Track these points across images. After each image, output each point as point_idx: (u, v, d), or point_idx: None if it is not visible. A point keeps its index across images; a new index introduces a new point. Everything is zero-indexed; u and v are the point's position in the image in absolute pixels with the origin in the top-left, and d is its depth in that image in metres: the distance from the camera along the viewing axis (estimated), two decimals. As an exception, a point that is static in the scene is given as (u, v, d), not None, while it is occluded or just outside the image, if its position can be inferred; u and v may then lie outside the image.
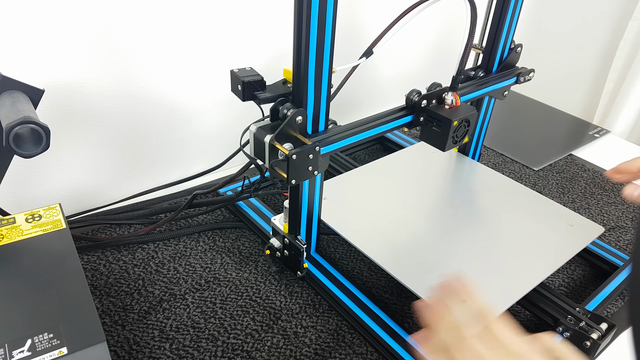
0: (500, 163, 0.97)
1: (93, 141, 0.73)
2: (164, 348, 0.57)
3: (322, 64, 0.51)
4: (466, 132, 0.63)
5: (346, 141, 0.57)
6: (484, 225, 0.68)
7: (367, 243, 0.62)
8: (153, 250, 0.70)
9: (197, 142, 0.84)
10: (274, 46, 0.83)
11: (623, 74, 1.28)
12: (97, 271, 0.66)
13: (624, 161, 0.54)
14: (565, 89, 1.42)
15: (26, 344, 0.39)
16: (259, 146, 0.53)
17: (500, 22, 0.71)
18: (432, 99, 0.62)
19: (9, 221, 0.51)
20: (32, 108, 0.48)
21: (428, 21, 1.08)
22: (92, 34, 0.65)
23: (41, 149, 0.46)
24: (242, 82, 0.53)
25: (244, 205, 0.77)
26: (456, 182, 0.79)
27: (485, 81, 0.72)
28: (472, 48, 0.68)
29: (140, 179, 0.81)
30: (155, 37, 0.70)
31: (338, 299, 0.62)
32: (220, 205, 0.77)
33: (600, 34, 1.33)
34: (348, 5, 0.90)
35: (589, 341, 0.56)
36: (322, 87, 0.53)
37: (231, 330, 0.59)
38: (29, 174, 0.69)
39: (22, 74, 0.52)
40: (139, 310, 0.61)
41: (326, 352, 0.58)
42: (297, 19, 0.48)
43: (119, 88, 0.71)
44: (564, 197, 0.88)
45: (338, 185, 0.74)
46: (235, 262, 0.69)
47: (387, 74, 1.09)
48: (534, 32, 1.39)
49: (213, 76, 0.79)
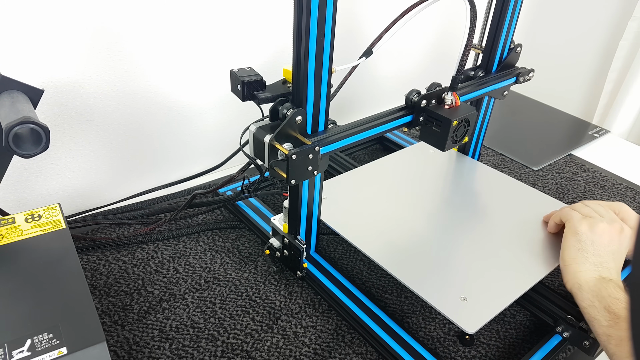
0: (499, 163, 0.97)
1: (92, 141, 0.73)
2: (164, 348, 0.57)
3: (321, 64, 0.51)
4: (466, 132, 0.63)
5: (346, 141, 0.57)
6: (485, 223, 0.68)
7: (367, 242, 0.62)
8: (153, 250, 0.70)
9: (196, 142, 0.84)
10: (273, 46, 0.83)
11: (622, 74, 1.28)
12: (96, 271, 0.66)
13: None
14: (564, 89, 1.42)
15: (26, 344, 0.38)
16: (259, 146, 0.53)
17: (500, 22, 0.71)
18: (432, 98, 0.62)
19: (8, 221, 0.50)
20: (32, 108, 0.48)
21: (428, 21, 1.08)
22: (91, 34, 0.65)
23: (41, 149, 0.45)
24: (242, 82, 0.53)
25: (244, 205, 0.77)
26: (456, 181, 0.79)
27: (484, 81, 0.72)
28: (471, 48, 0.68)
29: (140, 179, 0.81)
30: (155, 36, 0.70)
31: (338, 298, 0.62)
32: (220, 205, 0.77)
33: (599, 34, 1.33)
34: (348, 5, 0.90)
35: (589, 341, 0.56)
36: (322, 87, 0.53)
37: (231, 330, 0.59)
38: (28, 174, 0.69)
39: (21, 74, 0.52)
40: (138, 310, 0.61)
41: (326, 352, 0.58)
42: (296, 18, 0.48)
43: (119, 88, 0.71)
44: (563, 196, 0.88)
45: (337, 185, 0.74)
46: (235, 262, 0.69)
47: (386, 74, 1.09)
48: (534, 32, 1.39)
49: (213, 76, 0.79)
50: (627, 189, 0.91)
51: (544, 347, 0.58)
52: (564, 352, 0.59)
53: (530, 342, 0.59)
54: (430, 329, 0.62)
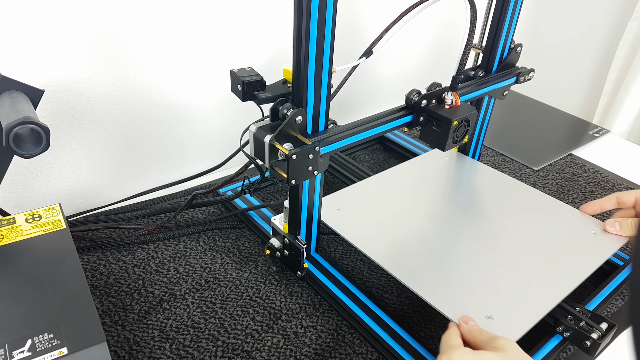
0: (500, 163, 0.97)
1: (93, 141, 0.73)
2: (164, 348, 0.57)
3: (322, 64, 0.51)
4: (466, 132, 0.63)
5: (346, 141, 0.57)
6: (494, 229, 0.66)
7: (367, 242, 0.62)
8: (153, 250, 0.70)
9: (197, 142, 0.84)
10: (274, 46, 0.83)
11: (623, 74, 1.28)
12: (97, 271, 0.66)
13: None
14: (565, 89, 1.42)
15: (26, 344, 0.38)
16: (259, 146, 0.53)
17: (500, 22, 0.71)
18: (432, 98, 0.62)
19: (9, 221, 0.50)
20: (32, 108, 0.48)
21: (428, 21, 1.09)
22: (92, 34, 0.65)
23: (41, 149, 0.45)
24: (242, 82, 0.53)
25: (244, 205, 0.77)
26: (463, 185, 0.78)
27: (485, 81, 0.72)
28: (471, 48, 0.68)
29: (140, 179, 0.81)
30: (155, 37, 0.70)
31: (338, 298, 0.62)
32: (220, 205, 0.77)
33: (600, 33, 1.33)
34: (348, 5, 0.90)
35: (589, 341, 0.56)
36: (322, 87, 0.53)
37: (231, 330, 0.59)
38: (29, 174, 0.69)
39: (22, 74, 0.52)
40: (139, 311, 0.61)
41: (326, 352, 0.58)
42: (297, 18, 0.48)
43: (119, 88, 0.71)
44: (563, 196, 0.88)
45: (350, 194, 0.72)
46: (235, 262, 0.69)
47: (387, 73, 1.09)
48: (534, 32, 1.39)
49: (213, 76, 0.79)
50: (627, 188, 0.91)
51: (544, 347, 0.58)
52: (564, 352, 0.59)
53: (530, 342, 0.59)
54: (430, 329, 0.62)
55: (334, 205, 0.68)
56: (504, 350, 0.45)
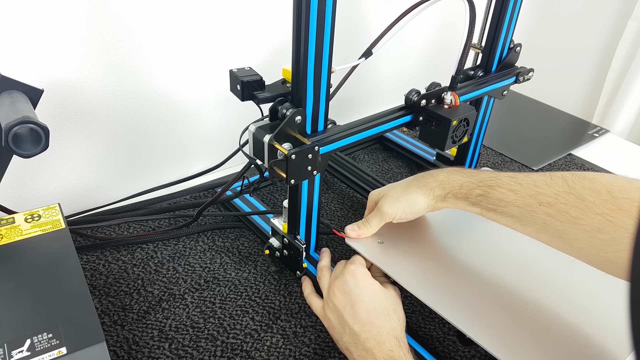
0: (499, 163, 0.97)
1: (92, 141, 0.73)
2: (164, 348, 0.57)
3: (321, 64, 0.51)
4: (465, 132, 0.63)
5: (345, 141, 0.57)
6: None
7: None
8: (152, 250, 0.70)
9: (196, 141, 0.84)
10: (273, 46, 0.83)
11: (622, 74, 1.28)
12: (96, 271, 0.66)
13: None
14: (564, 89, 1.42)
15: (25, 344, 0.39)
16: (258, 146, 0.53)
17: (500, 22, 0.71)
18: (432, 98, 0.62)
19: (8, 221, 0.51)
20: (31, 108, 0.48)
21: (427, 21, 1.09)
22: (91, 33, 0.65)
23: (40, 148, 0.46)
24: (241, 81, 0.53)
25: (244, 205, 0.77)
26: None
27: (484, 81, 0.72)
28: (471, 47, 0.68)
29: (140, 178, 0.81)
30: (155, 36, 0.70)
31: (337, 298, 0.62)
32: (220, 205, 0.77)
33: (599, 33, 1.33)
34: (348, 5, 0.90)
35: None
36: (321, 86, 0.53)
37: (230, 330, 0.59)
38: (28, 173, 0.69)
39: (21, 74, 0.52)
40: (138, 310, 0.61)
41: (325, 352, 0.58)
42: (296, 18, 0.48)
43: (119, 87, 0.71)
44: (563, 196, 0.88)
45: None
46: (235, 262, 0.69)
47: (386, 73, 1.09)
48: (534, 32, 1.39)
49: (213, 76, 0.79)
50: (626, 188, 0.91)
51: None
52: (563, 352, 0.59)
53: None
54: (430, 328, 0.62)
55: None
56: None
